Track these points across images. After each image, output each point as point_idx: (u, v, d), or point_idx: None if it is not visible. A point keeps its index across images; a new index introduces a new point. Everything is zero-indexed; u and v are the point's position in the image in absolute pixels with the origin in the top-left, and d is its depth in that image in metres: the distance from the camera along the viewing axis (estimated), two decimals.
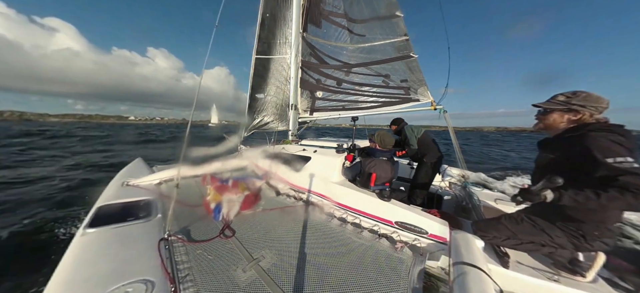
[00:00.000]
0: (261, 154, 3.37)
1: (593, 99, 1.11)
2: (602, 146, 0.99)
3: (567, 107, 1.16)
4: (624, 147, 0.98)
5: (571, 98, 1.15)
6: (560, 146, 1.17)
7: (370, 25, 3.97)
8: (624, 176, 0.92)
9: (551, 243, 1.27)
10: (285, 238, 1.67)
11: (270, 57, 4.69)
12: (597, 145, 1.00)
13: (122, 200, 2.08)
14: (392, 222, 1.81)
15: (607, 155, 0.97)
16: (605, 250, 1.20)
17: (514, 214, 1.43)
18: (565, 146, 1.13)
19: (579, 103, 1.12)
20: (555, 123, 1.21)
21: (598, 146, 1.00)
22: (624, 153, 0.96)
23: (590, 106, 1.11)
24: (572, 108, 1.14)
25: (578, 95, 1.14)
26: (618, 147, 0.98)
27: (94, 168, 6.87)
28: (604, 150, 0.98)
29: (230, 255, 1.45)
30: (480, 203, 2.10)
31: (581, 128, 1.11)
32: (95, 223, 1.65)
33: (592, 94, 1.12)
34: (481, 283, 1.06)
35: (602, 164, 0.97)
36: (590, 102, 1.11)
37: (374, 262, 1.42)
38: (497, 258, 1.47)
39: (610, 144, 0.99)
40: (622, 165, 0.93)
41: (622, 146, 0.98)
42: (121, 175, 2.84)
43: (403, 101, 3.57)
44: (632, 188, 0.90)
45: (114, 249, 1.39)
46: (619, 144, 0.98)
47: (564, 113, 1.18)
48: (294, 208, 2.25)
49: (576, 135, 1.11)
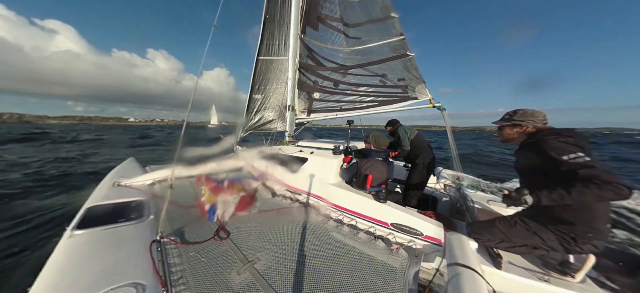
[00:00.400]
0: (257, 155, 3.34)
1: (529, 114, 1.36)
2: (555, 146, 1.16)
3: (512, 122, 1.40)
4: (573, 145, 1.14)
5: (513, 115, 1.41)
6: (527, 152, 1.34)
7: (365, 28, 4.02)
8: (582, 170, 1.06)
9: (543, 246, 1.30)
10: (281, 240, 1.66)
11: (270, 58, 4.71)
12: (551, 147, 1.17)
13: (113, 200, 2.03)
14: (387, 224, 1.82)
15: (562, 154, 1.12)
16: (595, 253, 1.24)
17: (508, 217, 1.46)
18: (530, 152, 1.31)
19: (519, 118, 1.38)
20: (508, 135, 1.45)
21: (552, 147, 1.17)
22: (575, 150, 1.11)
23: (529, 119, 1.35)
24: (515, 123, 1.39)
25: (517, 112, 1.40)
26: (568, 146, 1.14)
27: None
28: (558, 150, 1.14)
29: (225, 257, 1.43)
30: (474, 205, 2.13)
31: (536, 135, 1.31)
32: (84, 225, 1.60)
33: (527, 110, 1.38)
34: (475, 284, 1.07)
35: (561, 162, 1.12)
36: (527, 116, 1.35)
37: (369, 264, 1.42)
38: (490, 259, 1.49)
39: (562, 144, 1.16)
40: (577, 160, 1.08)
41: (571, 144, 1.14)
42: (112, 175, 2.77)
43: (401, 100, 3.59)
44: (594, 180, 1.01)
45: (103, 251, 1.35)
46: (569, 144, 1.15)
47: (512, 127, 1.42)
48: (290, 209, 2.24)
49: (533, 141, 1.31)
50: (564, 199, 1.08)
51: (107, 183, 2.50)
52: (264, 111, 4.94)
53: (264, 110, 4.94)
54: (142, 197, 2.15)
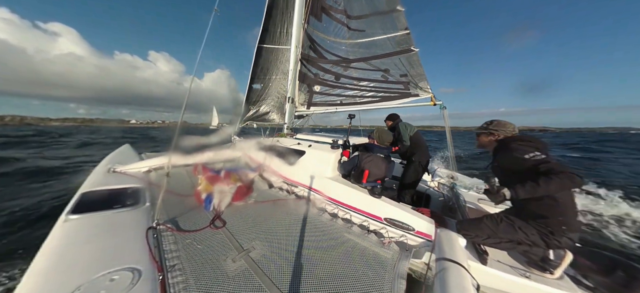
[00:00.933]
0: (255, 146, 3.34)
1: (501, 124, 1.60)
2: (516, 149, 1.40)
3: (487, 131, 1.64)
4: (529, 146, 1.38)
5: (489, 125, 1.65)
6: (498, 156, 1.56)
7: (370, 21, 3.93)
8: (542, 165, 1.26)
9: (526, 240, 1.39)
10: (276, 230, 1.69)
11: (272, 46, 4.59)
12: (514, 149, 1.41)
13: (108, 186, 2.02)
14: (381, 218, 1.86)
15: (524, 153, 1.34)
16: (571, 248, 1.36)
17: (495, 215, 1.54)
18: (500, 156, 1.53)
19: (493, 128, 1.62)
20: (483, 142, 1.68)
21: (515, 149, 1.40)
22: (532, 150, 1.34)
23: (501, 129, 1.59)
24: (490, 131, 1.62)
25: (493, 123, 1.64)
26: (528, 147, 1.37)
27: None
28: (519, 151, 1.37)
29: (220, 245, 1.45)
30: (466, 204, 2.19)
31: (502, 142, 1.56)
32: (78, 209, 1.60)
33: (500, 121, 1.62)
34: (460, 278, 1.12)
35: (522, 160, 1.34)
36: (500, 127, 1.59)
37: (361, 256, 1.46)
38: (477, 255, 1.55)
39: (520, 146, 1.40)
40: (535, 158, 1.30)
41: (528, 146, 1.39)
42: (108, 161, 2.75)
43: (402, 96, 3.56)
44: (551, 173, 1.21)
45: (98, 236, 1.36)
46: (528, 146, 1.39)
47: (487, 135, 1.65)
48: (286, 201, 2.27)
49: (501, 147, 1.55)
50: (535, 189, 1.24)
51: (102, 169, 2.48)
52: (263, 101, 4.86)
53: (263, 100, 4.86)
54: (138, 184, 2.15)
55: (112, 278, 1.05)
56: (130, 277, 1.07)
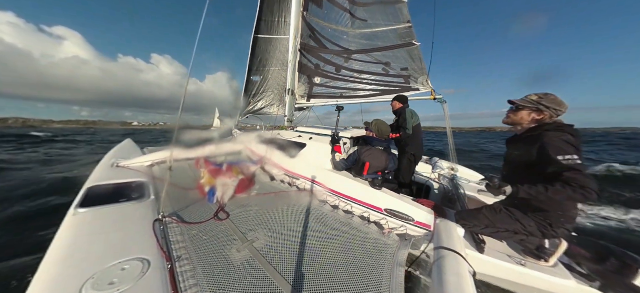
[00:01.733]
0: (256, 139, 3.35)
1: (557, 102, 1.28)
2: (554, 144, 1.17)
3: (536, 106, 1.31)
4: (572, 146, 1.16)
5: (542, 99, 1.30)
6: (523, 143, 1.35)
7: (373, 9, 3.82)
8: (567, 172, 1.12)
9: (523, 231, 1.42)
10: (278, 221, 1.73)
11: (269, 36, 4.47)
12: (551, 144, 1.18)
13: (113, 180, 2.06)
14: (381, 209, 1.90)
15: (558, 153, 1.15)
16: (567, 237, 1.39)
17: (493, 205, 1.57)
18: (526, 144, 1.31)
19: (546, 104, 1.28)
20: (522, 119, 1.37)
21: (551, 144, 1.18)
22: (571, 151, 1.14)
23: (554, 108, 1.27)
24: (539, 108, 1.30)
25: (548, 97, 1.29)
26: (568, 146, 1.16)
27: None
28: (556, 149, 1.16)
29: (225, 236, 1.50)
30: (465, 195, 2.22)
31: (539, 128, 1.29)
32: (86, 203, 1.64)
33: (557, 98, 1.28)
34: (457, 265, 1.16)
35: (553, 161, 1.16)
36: (555, 104, 1.27)
37: (362, 245, 1.51)
38: (475, 244, 1.60)
39: (562, 143, 1.17)
40: (569, 162, 1.12)
41: (571, 145, 1.16)
42: (110, 155, 2.77)
43: (402, 90, 3.55)
44: (572, 183, 1.10)
45: (107, 228, 1.40)
46: (569, 144, 1.16)
47: (532, 111, 1.33)
48: (287, 193, 2.30)
49: (535, 135, 1.29)
50: (540, 195, 1.19)
51: (106, 164, 2.51)
52: (262, 93, 4.81)
53: (262, 93, 4.81)
54: (142, 178, 2.18)
55: (123, 268, 1.10)
56: (140, 266, 1.12)
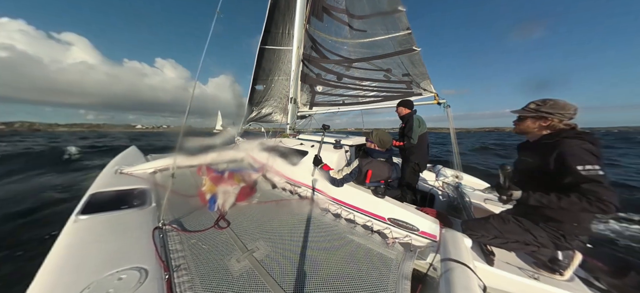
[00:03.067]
0: (258, 147, 3.36)
1: (559, 106, 1.21)
2: (575, 153, 1.09)
3: (538, 114, 1.26)
4: (593, 155, 1.08)
5: (540, 106, 1.26)
6: (538, 151, 1.26)
7: (371, 21, 3.92)
8: (586, 184, 1.03)
9: (535, 242, 1.34)
10: (280, 230, 1.69)
11: (274, 48, 4.61)
12: (571, 153, 1.10)
13: (116, 187, 2.07)
14: (385, 218, 1.85)
15: (578, 163, 1.07)
16: (582, 250, 1.31)
17: (502, 214, 1.50)
18: (542, 152, 1.23)
19: (547, 110, 1.23)
20: (529, 128, 1.33)
21: (572, 153, 1.09)
22: (593, 161, 1.06)
23: (558, 112, 1.21)
24: (542, 115, 1.25)
25: (546, 103, 1.25)
26: (589, 156, 1.08)
27: None
28: (576, 158, 1.08)
29: (225, 246, 1.47)
30: (471, 204, 2.15)
31: (556, 135, 1.21)
32: (87, 210, 1.64)
33: (558, 101, 1.22)
34: (466, 279, 1.10)
35: (572, 171, 1.07)
36: (557, 109, 1.21)
37: (365, 257, 1.46)
38: (483, 256, 1.52)
39: (583, 152, 1.08)
40: (589, 173, 1.04)
41: (592, 154, 1.08)
42: (115, 163, 2.81)
43: (405, 95, 3.54)
44: (589, 195, 1.02)
45: (107, 236, 1.39)
46: (590, 153, 1.08)
47: (536, 119, 1.29)
48: (289, 201, 2.27)
49: (551, 142, 1.20)
50: (551, 204, 1.12)
51: (110, 171, 2.54)
52: (266, 102, 4.89)
53: (266, 101, 4.89)
54: (144, 185, 2.19)
55: (120, 277, 1.07)
56: (137, 276, 1.09)
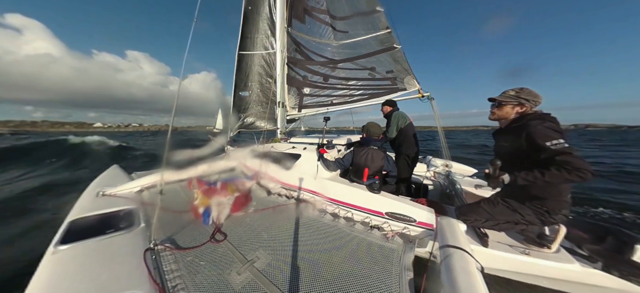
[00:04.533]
0: (250, 154, 3.29)
1: (534, 94, 1.38)
2: (540, 132, 1.23)
3: (517, 100, 1.40)
4: (556, 131, 1.22)
5: (519, 93, 1.41)
6: (510, 136, 1.39)
7: (352, 22, 4.01)
8: (559, 156, 1.16)
9: (523, 220, 1.44)
10: (278, 237, 1.66)
11: (254, 53, 4.54)
12: (536, 132, 1.23)
13: (99, 211, 1.92)
14: (382, 213, 1.88)
15: (545, 140, 1.20)
16: (565, 223, 1.42)
17: (491, 198, 1.59)
18: (513, 136, 1.36)
19: (525, 97, 1.38)
20: (507, 114, 1.46)
21: (537, 132, 1.23)
22: (557, 136, 1.19)
23: (532, 99, 1.37)
24: (520, 101, 1.39)
25: (524, 90, 1.40)
26: (552, 132, 1.21)
27: None
28: (542, 136, 1.21)
29: (224, 259, 1.41)
30: (462, 190, 2.25)
31: (522, 119, 1.36)
32: (68, 239, 1.50)
33: (533, 90, 1.39)
34: (465, 262, 1.15)
35: (542, 147, 1.20)
36: (532, 96, 1.37)
37: (367, 253, 1.47)
38: (478, 239, 1.60)
39: (546, 130, 1.23)
40: (557, 147, 1.17)
41: (554, 130, 1.22)
42: (95, 185, 2.61)
43: (390, 92, 3.64)
44: (566, 166, 1.13)
45: (93, 264, 1.29)
46: (553, 130, 1.22)
47: (514, 105, 1.42)
48: (286, 206, 2.24)
49: (519, 126, 1.35)
50: (537, 181, 1.21)
51: (90, 194, 2.36)
52: (252, 108, 4.80)
53: (252, 108, 4.80)
54: (131, 205, 2.06)
55: None
56: None
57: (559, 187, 1.30)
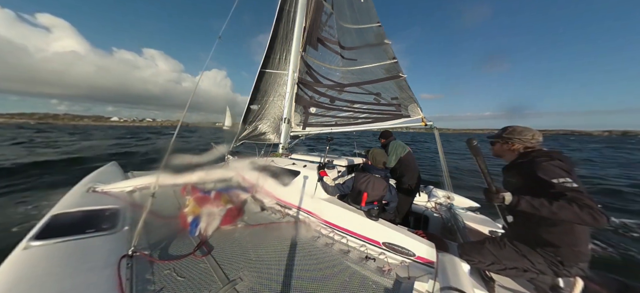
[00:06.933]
0: (249, 166, 3.25)
1: (517, 132, 1.37)
2: (546, 170, 1.18)
3: (502, 139, 1.43)
4: (563, 170, 1.17)
5: (502, 132, 1.44)
6: (517, 171, 1.36)
7: (361, 51, 4.29)
8: (569, 193, 1.10)
9: (533, 268, 1.29)
10: (266, 258, 1.55)
11: (272, 71, 4.83)
12: (542, 169, 1.19)
13: (84, 207, 1.85)
14: (379, 243, 1.76)
15: (552, 177, 1.15)
16: (582, 276, 1.26)
17: (497, 239, 1.46)
18: (520, 171, 1.33)
19: (507, 135, 1.40)
20: (501, 151, 1.47)
21: (543, 170, 1.19)
22: (564, 175, 1.15)
23: (516, 137, 1.37)
24: (505, 139, 1.41)
25: (506, 129, 1.43)
26: (559, 170, 1.17)
27: None
28: (549, 173, 1.17)
29: (204, 276, 1.30)
30: (465, 226, 2.12)
31: (528, 155, 1.32)
32: (44, 235, 1.42)
33: (516, 127, 1.39)
34: None
35: (549, 184, 1.15)
36: (515, 134, 1.37)
37: (361, 287, 1.34)
38: (483, 282, 1.45)
39: (553, 168, 1.18)
40: (565, 185, 1.12)
41: (562, 169, 1.18)
42: (89, 180, 2.56)
43: (394, 117, 3.73)
44: (578, 202, 1.06)
45: (62, 268, 1.19)
46: (559, 168, 1.18)
47: (502, 143, 1.44)
48: (278, 225, 2.13)
49: (525, 161, 1.31)
50: (543, 208, 1.10)
51: (81, 189, 2.30)
52: (259, 121, 4.93)
53: (259, 121, 4.93)
54: (118, 205, 1.99)
55: None
56: None
57: (574, 234, 1.17)
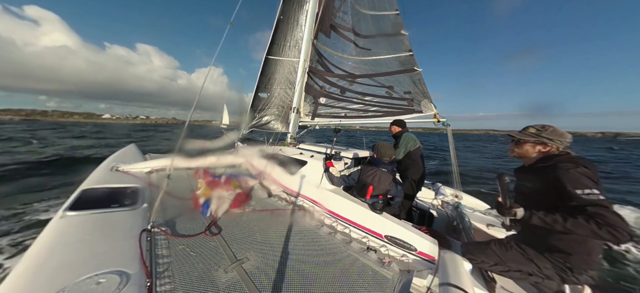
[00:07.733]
0: (257, 154, 3.35)
1: (559, 133, 1.23)
2: (572, 178, 1.08)
3: (538, 139, 1.26)
4: (590, 180, 1.06)
5: (541, 131, 1.26)
6: (536, 176, 1.25)
7: (376, 41, 4.09)
8: (591, 207, 1.00)
9: (539, 273, 1.26)
10: (272, 241, 1.63)
11: (280, 58, 4.76)
12: (567, 177, 1.08)
13: (109, 184, 2.03)
14: (382, 235, 1.79)
15: (576, 187, 1.05)
16: (590, 284, 1.22)
17: (504, 240, 1.43)
18: (540, 176, 1.22)
19: (547, 136, 1.24)
20: (527, 153, 1.32)
21: (568, 178, 1.08)
22: (591, 185, 1.04)
23: (557, 139, 1.22)
24: (542, 141, 1.25)
25: (547, 129, 1.26)
26: (586, 180, 1.06)
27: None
28: (573, 182, 1.07)
29: (214, 254, 1.41)
30: (472, 225, 2.09)
31: (551, 159, 1.21)
32: (76, 206, 1.60)
33: (557, 129, 1.25)
34: None
35: (573, 195, 1.05)
36: (557, 136, 1.22)
37: (360, 275, 1.39)
38: (484, 282, 1.45)
39: (579, 176, 1.07)
40: (590, 197, 1.02)
41: (589, 178, 1.07)
42: (112, 159, 2.79)
43: (406, 112, 3.61)
44: (597, 218, 0.97)
45: (92, 235, 1.34)
46: (587, 177, 1.07)
47: (536, 144, 1.28)
48: (284, 211, 2.22)
49: (548, 166, 1.19)
50: (556, 224, 1.05)
51: (106, 167, 2.52)
52: (268, 110, 4.96)
53: (268, 109, 4.96)
54: (138, 184, 2.15)
55: (99, 281, 1.01)
56: (117, 281, 1.03)
57: (587, 244, 1.11)
